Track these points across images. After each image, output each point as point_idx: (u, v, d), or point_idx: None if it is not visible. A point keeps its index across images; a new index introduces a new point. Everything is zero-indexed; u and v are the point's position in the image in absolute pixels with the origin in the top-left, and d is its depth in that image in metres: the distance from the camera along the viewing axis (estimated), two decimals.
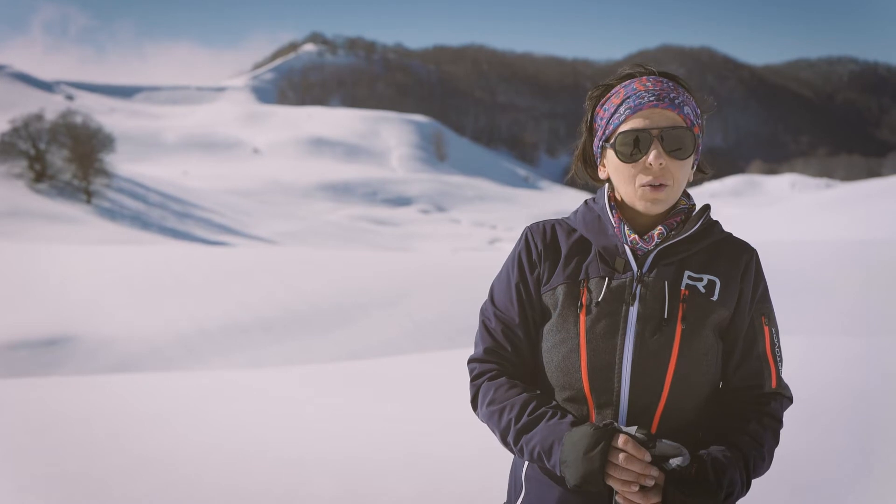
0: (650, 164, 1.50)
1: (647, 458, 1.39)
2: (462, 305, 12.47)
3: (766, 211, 41.66)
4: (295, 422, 5.14)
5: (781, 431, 1.59)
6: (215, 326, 12.48)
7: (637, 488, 1.39)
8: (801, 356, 5.66)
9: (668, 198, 1.54)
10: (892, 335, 7.83)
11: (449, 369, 6.61)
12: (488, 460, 3.64)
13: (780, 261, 12.77)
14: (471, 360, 1.70)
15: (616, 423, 1.44)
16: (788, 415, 1.70)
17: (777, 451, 1.58)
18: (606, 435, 1.41)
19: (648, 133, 1.51)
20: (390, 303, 13.64)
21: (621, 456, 1.39)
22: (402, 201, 75.93)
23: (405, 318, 12.89)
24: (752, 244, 1.65)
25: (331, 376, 7.11)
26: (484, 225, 65.66)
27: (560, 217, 1.72)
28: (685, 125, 1.52)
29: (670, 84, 1.56)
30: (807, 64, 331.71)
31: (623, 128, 1.53)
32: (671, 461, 1.39)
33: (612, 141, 1.56)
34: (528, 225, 1.71)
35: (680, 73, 1.61)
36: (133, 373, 10.15)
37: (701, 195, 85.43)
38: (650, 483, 1.39)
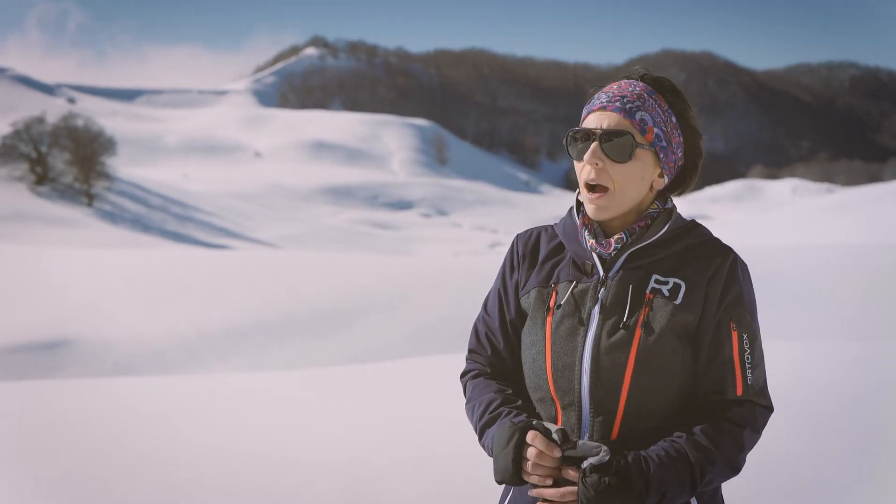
0: (584, 163, 1.55)
1: (557, 454, 1.42)
2: (463, 309, 12.44)
3: (767, 216, 41.66)
4: (296, 424, 5.15)
5: (779, 433, 1.60)
6: (216, 329, 12.48)
7: (550, 482, 1.44)
8: (800, 360, 5.68)
9: (610, 204, 1.55)
10: (892, 339, 7.84)
11: (449, 372, 6.62)
12: (489, 461, 3.65)
13: (782, 265, 12.77)
14: (466, 359, 1.80)
15: (535, 421, 1.48)
16: (786, 418, 1.71)
17: (775, 454, 1.58)
18: (519, 431, 1.46)
19: (589, 133, 1.55)
20: (391, 306, 13.65)
21: (531, 451, 1.44)
22: (403, 205, 75.93)
23: (406, 322, 12.90)
24: (752, 247, 1.66)
25: (332, 379, 7.12)
26: (485, 229, 65.63)
27: (553, 223, 1.75)
28: (624, 130, 1.53)
29: (638, 89, 1.58)
30: (808, 69, 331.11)
31: (576, 128, 1.60)
32: (588, 460, 1.41)
33: (566, 141, 1.61)
34: (519, 232, 1.77)
35: (680, 78, 1.63)
36: (134, 376, 10.16)
37: (701, 200, 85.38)
38: (557, 476, 1.44)
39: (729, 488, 1.72)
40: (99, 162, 46.63)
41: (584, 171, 1.57)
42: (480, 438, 1.61)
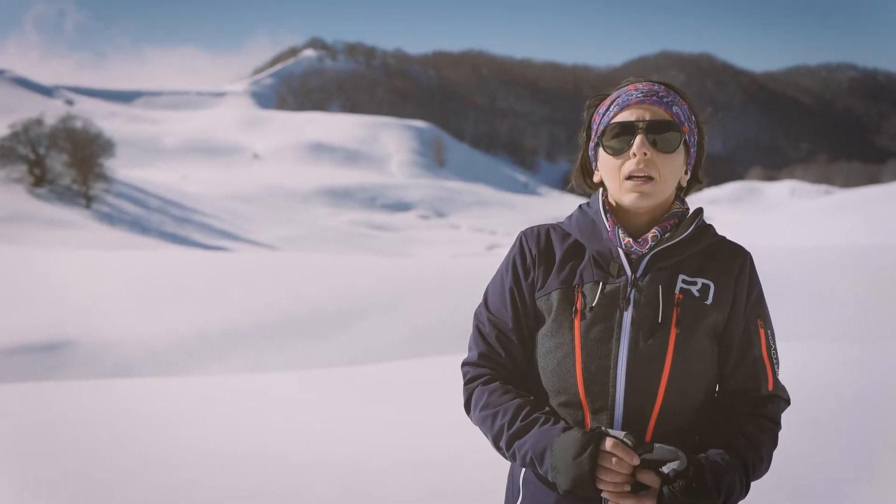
0: (634, 154, 1.53)
1: (636, 461, 1.40)
2: (461, 310, 12.45)
3: (766, 217, 41.67)
4: (296, 425, 5.15)
5: (780, 434, 1.60)
6: (215, 331, 12.47)
7: (628, 489, 1.41)
8: (800, 361, 5.68)
9: (654, 192, 1.55)
10: (891, 340, 7.85)
11: (449, 373, 6.62)
12: (489, 463, 3.65)
13: (781, 267, 12.78)
14: (464, 364, 1.71)
15: (604, 428, 1.45)
16: (787, 418, 1.71)
17: (776, 455, 1.58)
18: (595, 439, 1.42)
19: (634, 125, 1.54)
20: (390, 307, 13.65)
21: (613, 459, 1.40)
22: (402, 206, 75.89)
23: (405, 323, 12.90)
24: (751, 249, 1.66)
25: (331, 380, 7.12)
26: (483, 230, 65.63)
27: (555, 222, 1.71)
28: (672, 121, 1.55)
29: (663, 87, 1.60)
30: (806, 70, 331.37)
31: (611, 123, 1.58)
32: (667, 465, 1.40)
33: (601, 137, 1.59)
34: (523, 230, 1.71)
35: (679, 80, 1.65)
36: (133, 377, 10.16)
37: (700, 201, 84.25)
38: (632, 482, 1.41)
39: None
40: (97, 163, 46.57)
41: (627, 163, 1.54)
42: (509, 446, 1.54)
